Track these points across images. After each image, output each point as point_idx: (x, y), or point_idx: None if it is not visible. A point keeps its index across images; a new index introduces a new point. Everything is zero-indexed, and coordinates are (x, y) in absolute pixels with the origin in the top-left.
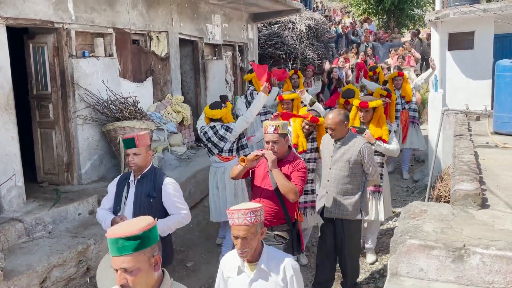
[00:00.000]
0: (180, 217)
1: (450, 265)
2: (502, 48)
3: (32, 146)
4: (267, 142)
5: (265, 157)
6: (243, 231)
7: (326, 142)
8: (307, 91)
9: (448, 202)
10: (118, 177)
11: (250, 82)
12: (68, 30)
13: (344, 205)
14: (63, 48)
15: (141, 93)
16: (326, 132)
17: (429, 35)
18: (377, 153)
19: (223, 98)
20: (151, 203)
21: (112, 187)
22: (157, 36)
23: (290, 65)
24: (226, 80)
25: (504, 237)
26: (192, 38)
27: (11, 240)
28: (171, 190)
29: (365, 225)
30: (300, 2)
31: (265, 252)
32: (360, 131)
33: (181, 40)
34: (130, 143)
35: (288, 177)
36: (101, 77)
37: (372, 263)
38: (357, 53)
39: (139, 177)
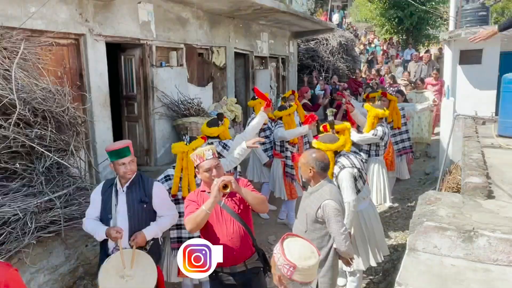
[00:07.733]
0: (171, 218)
1: (461, 244)
2: (507, 64)
3: (121, 135)
4: (208, 170)
5: (226, 184)
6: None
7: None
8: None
9: (457, 192)
10: (101, 185)
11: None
12: (150, 45)
13: None
14: (146, 59)
15: (204, 95)
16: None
17: (440, 49)
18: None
19: (220, 116)
20: (144, 208)
21: (96, 196)
22: (217, 50)
23: (323, 75)
24: (270, 86)
25: (508, 223)
26: (245, 52)
27: None
28: (162, 194)
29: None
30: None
31: None
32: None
33: (236, 53)
34: (125, 151)
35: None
36: (173, 82)
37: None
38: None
39: (127, 184)
